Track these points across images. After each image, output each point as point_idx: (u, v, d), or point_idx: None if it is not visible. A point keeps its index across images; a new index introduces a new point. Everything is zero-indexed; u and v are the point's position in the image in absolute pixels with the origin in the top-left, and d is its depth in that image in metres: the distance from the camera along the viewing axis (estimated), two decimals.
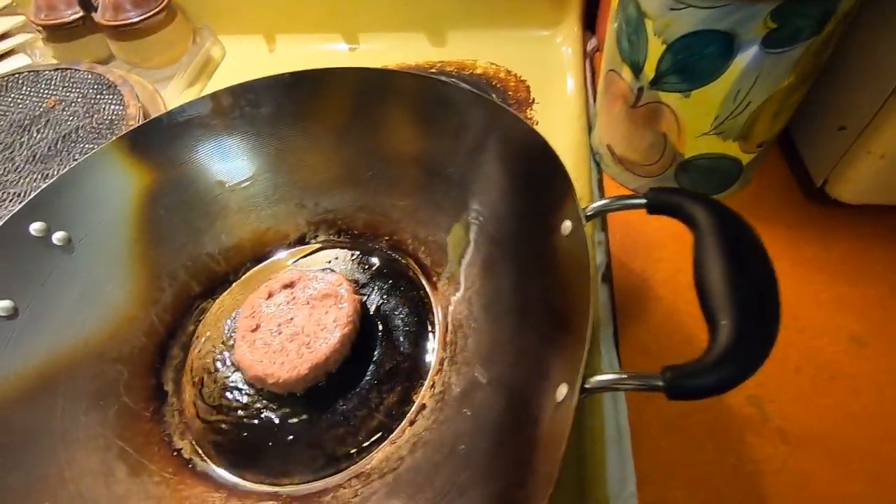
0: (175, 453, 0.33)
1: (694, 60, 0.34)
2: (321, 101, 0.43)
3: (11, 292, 0.33)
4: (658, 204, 0.26)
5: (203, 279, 0.42)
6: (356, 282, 0.41)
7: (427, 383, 0.35)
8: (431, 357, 0.36)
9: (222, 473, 0.33)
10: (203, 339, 0.39)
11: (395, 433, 0.33)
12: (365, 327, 0.37)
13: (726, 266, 0.22)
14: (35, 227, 0.35)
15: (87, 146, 0.51)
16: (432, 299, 0.39)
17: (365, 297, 0.40)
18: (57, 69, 0.59)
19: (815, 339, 0.36)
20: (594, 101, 0.55)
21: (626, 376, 0.21)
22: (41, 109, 0.56)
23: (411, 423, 0.33)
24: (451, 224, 0.40)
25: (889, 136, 0.35)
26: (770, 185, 0.45)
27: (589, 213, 0.28)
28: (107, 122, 0.52)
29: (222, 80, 0.66)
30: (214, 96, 0.42)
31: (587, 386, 0.22)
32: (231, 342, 0.39)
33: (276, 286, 0.38)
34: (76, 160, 0.49)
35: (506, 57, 0.62)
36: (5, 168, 0.50)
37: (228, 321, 0.40)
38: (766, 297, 0.21)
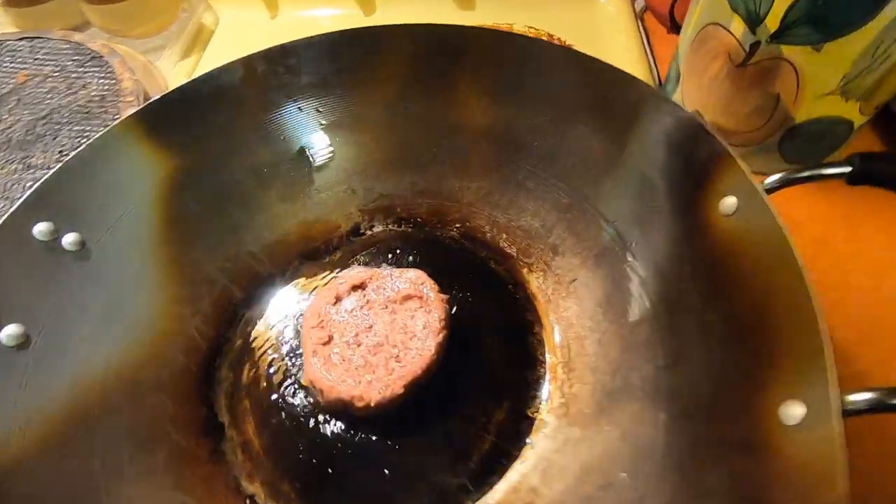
0: (247, 501, 0.27)
1: (838, 5, 0.29)
2: (375, 67, 0.36)
3: (19, 314, 0.26)
4: (867, 173, 0.21)
5: (245, 283, 0.35)
6: None
7: (541, 395, 0.30)
8: (539, 364, 0.31)
9: None
10: (256, 356, 0.33)
11: (516, 458, 0.28)
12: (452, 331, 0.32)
13: None
14: (40, 230, 0.28)
15: (76, 128, 0.42)
16: (527, 295, 0.34)
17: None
18: (23, 38, 0.49)
19: None
20: (655, 64, 0.50)
21: None
22: (9, 87, 0.46)
23: (533, 444, 0.28)
24: (540, 206, 0.35)
25: None
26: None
27: (769, 187, 0.23)
28: (97, 99, 0.44)
29: (218, 52, 0.57)
30: (247, 62, 0.34)
31: (850, 408, 0.17)
32: (295, 358, 0.32)
33: (343, 288, 0.32)
34: (64, 145, 0.41)
35: (544, 19, 0.56)
36: None
37: (286, 331, 0.34)
38: None
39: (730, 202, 0.24)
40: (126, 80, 0.44)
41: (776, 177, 0.23)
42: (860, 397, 0.17)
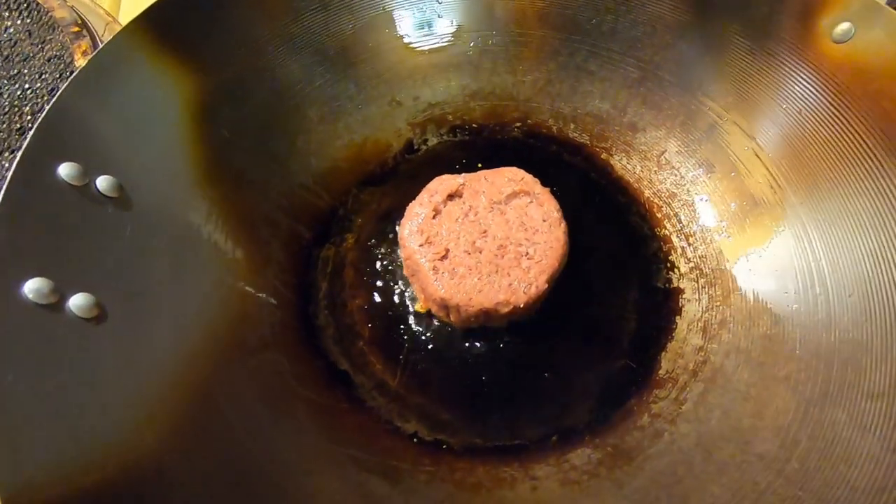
0: (415, 440, 0.24)
1: None
2: None
3: (80, 280, 0.19)
4: None
5: (308, 219, 0.30)
6: None
7: (666, 266, 0.29)
8: (651, 239, 0.30)
9: (494, 444, 0.24)
10: (349, 296, 0.28)
11: (665, 328, 0.27)
12: None
13: None
14: (67, 173, 0.21)
15: (8, 73, 0.32)
16: (613, 180, 0.33)
17: None
18: None
19: None
20: None
21: None
22: None
23: (678, 311, 0.28)
24: (608, 87, 0.33)
25: None
26: None
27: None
28: (22, 37, 0.33)
29: None
30: None
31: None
32: (395, 285, 0.29)
33: (439, 199, 0.28)
34: (1, 96, 0.31)
35: None
36: None
37: (373, 262, 0.29)
38: None
39: (843, 28, 0.25)
40: (59, 9, 0.34)
41: None
42: None
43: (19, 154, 0.20)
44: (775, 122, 0.28)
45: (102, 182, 0.22)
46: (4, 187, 0.19)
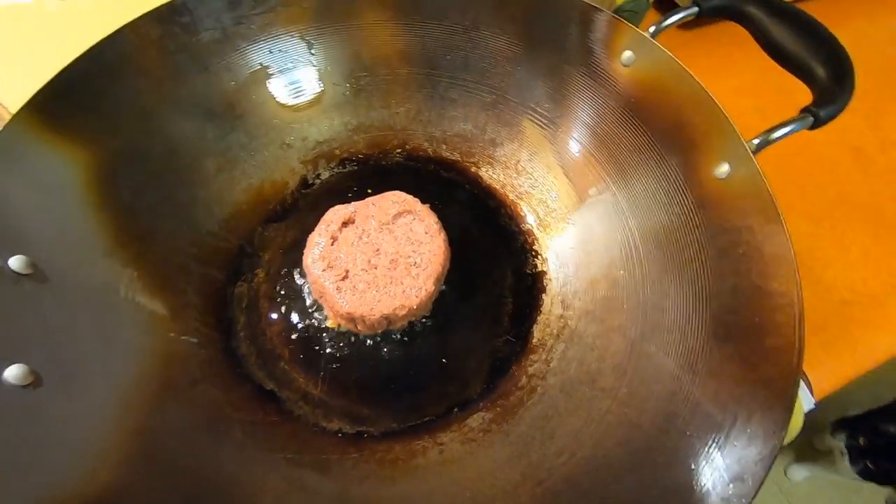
0: (340, 435, 0.28)
1: None
2: (275, 12, 0.35)
3: (11, 352, 0.22)
4: (710, 9, 0.31)
5: (219, 262, 0.33)
6: None
7: (531, 254, 0.36)
8: (518, 234, 0.37)
9: (407, 425, 0.29)
10: (266, 324, 0.32)
11: (535, 304, 0.34)
12: None
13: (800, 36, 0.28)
14: None
15: None
16: (484, 188, 0.39)
17: None
18: None
19: None
20: None
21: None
22: None
23: (543, 289, 0.34)
24: (468, 111, 0.39)
25: None
26: None
27: (653, 34, 0.31)
28: None
29: None
30: (135, 28, 0.31)
31: (754, 149, 0.26)
32: (307, 307, 0.33)
33: (335, 227, 0.33)
34: None
35: None
36: None
37: (284, 291, 0.33)
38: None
39: (627, 56, 0.32)
40: None
41: (652, 29, 0.32)
42: (756, 140, 0.27)
43: None
44: (592, 129, 0.35)
45: (15, 262, 0.24)
46: None
